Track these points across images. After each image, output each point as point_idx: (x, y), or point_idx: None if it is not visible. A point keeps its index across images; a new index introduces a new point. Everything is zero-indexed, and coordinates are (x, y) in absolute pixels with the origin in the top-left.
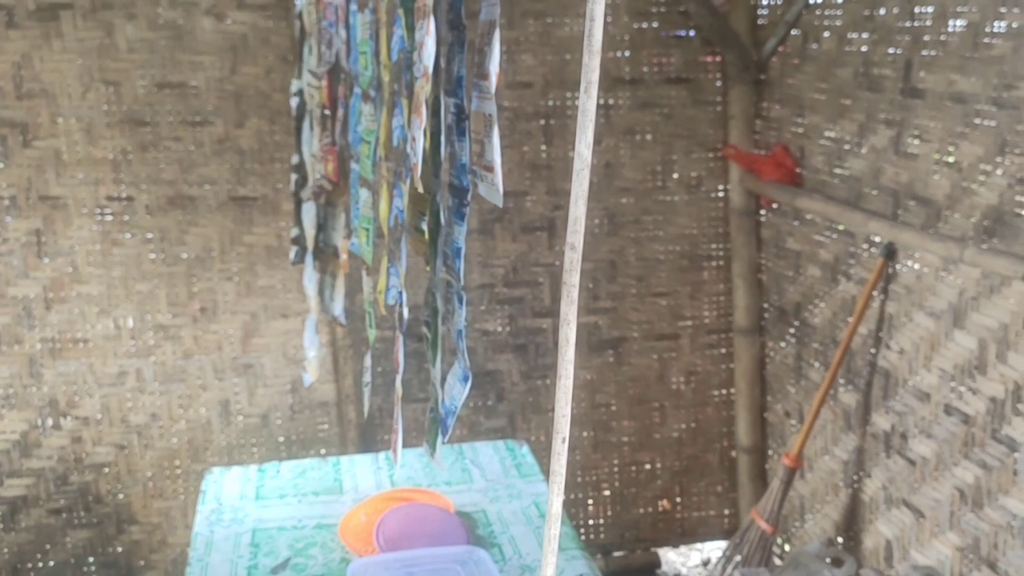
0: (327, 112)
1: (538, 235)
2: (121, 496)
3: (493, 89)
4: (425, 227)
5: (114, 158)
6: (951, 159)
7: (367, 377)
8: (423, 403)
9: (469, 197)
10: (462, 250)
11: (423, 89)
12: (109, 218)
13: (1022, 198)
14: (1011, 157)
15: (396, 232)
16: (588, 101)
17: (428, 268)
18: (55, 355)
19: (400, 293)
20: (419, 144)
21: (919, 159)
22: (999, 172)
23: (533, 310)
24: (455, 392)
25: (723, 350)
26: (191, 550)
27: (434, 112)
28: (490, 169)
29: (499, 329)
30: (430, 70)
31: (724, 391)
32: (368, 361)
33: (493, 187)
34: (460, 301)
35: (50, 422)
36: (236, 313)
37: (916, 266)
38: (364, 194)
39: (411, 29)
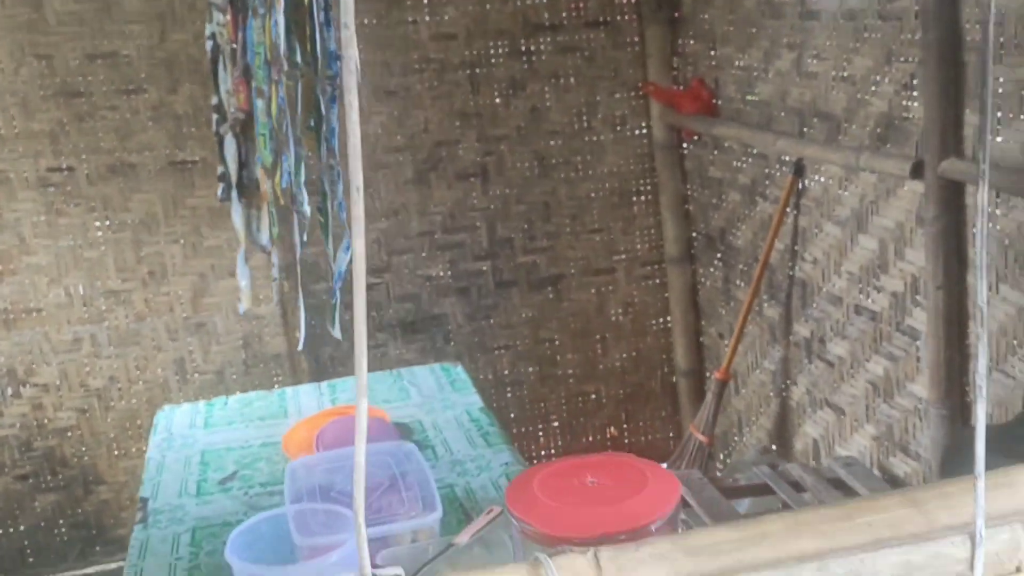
0: (235, 46)
1: (472, 181)
2: (86, 458)
3: None
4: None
5: (52, 130)
6: (846, 74)
7: (274, 272)
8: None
9: (339, 81)
10: (336, 129)
11: None
12: (52, 189)
13: (907, 103)
14: (897, 65)
15: (281, 120)
16: (349, 77)
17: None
18: (9, 325)
19: (289, 175)
20: (281, 28)
21: (819, 77)
22: (887, 81)
23: (473, 253)
24: (341, 259)
25: (657, 280)
26: (144, 473)
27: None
28: None
29: (441, 274)
30: None
31: (661, 319)
32: (275, 258)
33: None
34: (338, 176)
35: (10, 391)
36: (185, 275)
37: (822, 179)
38: (260, 104)
39: None
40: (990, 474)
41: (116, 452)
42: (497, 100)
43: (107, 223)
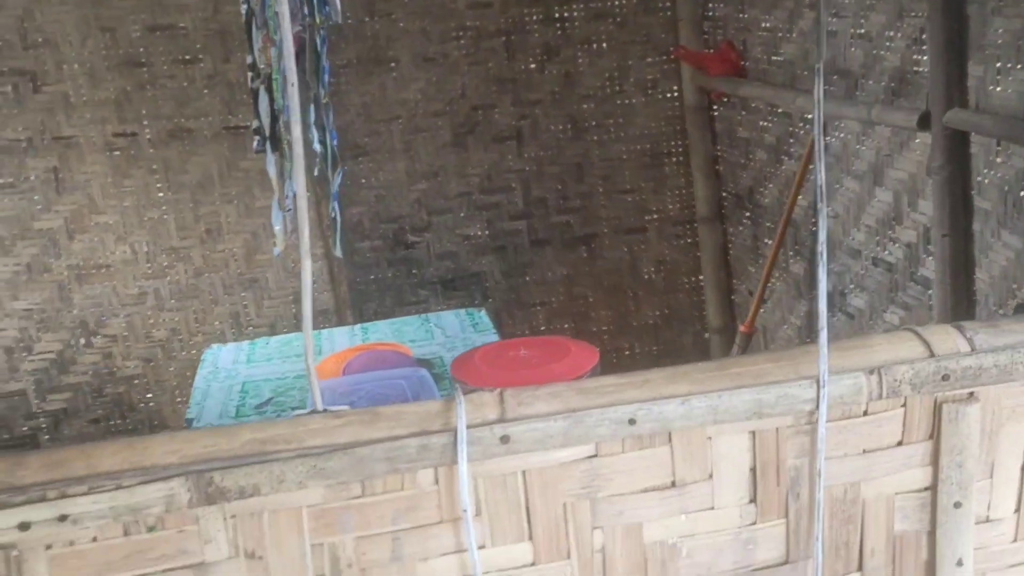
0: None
1: (508, 144)
2: (152, 404)
3: None
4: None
5: (116, 98)
6: (862, 31)
7: (288, 203)
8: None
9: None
10: (328, 67)
11: None
12: (117, 153)
13: (917, 56)
14: (908, 20)
15: (279, 61)
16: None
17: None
18: (81, 280)
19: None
20: None
21: (838, 35)
22: (899, 36)
23: (509, 214)
24: (336, 182)
25: (689, 239)
26: (191, 400)
27: None
28: None
29: (479, 233)
30: None
31: (693, 277)
32: (288, 190)
33: (335, 8)
34: (329, 110)
35: (82, 341)
36: (239, 233)
37: (841, 135)
38: (274, 52)
39: None
40: (850, 339)
41: (179, 399)
42: (532, 65)
43: (167, 184)
